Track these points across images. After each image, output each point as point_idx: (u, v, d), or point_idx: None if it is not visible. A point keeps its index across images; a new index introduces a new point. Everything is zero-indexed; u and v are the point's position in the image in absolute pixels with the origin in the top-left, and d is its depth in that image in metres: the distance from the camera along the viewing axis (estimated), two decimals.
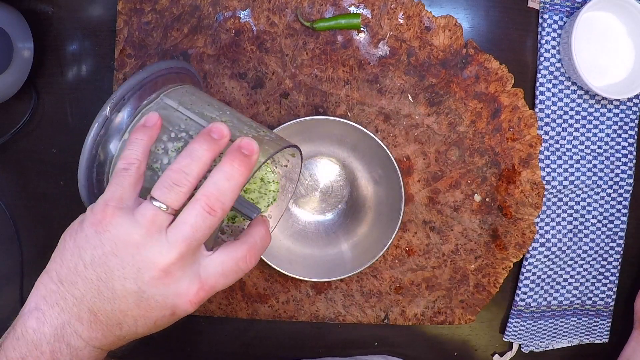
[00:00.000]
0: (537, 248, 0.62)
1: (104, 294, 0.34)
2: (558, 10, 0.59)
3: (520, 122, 0.59)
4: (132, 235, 0.34)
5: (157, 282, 0.34)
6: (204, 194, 0.34)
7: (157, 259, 0.34)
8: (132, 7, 0.57)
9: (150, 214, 0.34)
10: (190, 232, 0.34)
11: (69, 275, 0.35)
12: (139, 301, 0.35)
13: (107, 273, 0.34)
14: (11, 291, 0.64)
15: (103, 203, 0.35)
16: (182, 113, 0.39)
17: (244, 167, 0.35)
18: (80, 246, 0.34)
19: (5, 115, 0.61)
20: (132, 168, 0.35)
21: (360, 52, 0.58)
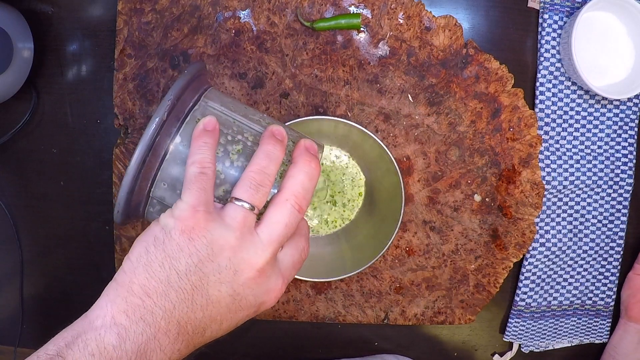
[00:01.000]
0: (537, 248, 0.62)
1: (197, 302, 0.33)
2: (558, 10, 0.59)
3: (520, 122, 0.59)
4: (228, 238, 0.34)
5: (252, 283, 0.35)
6: (293, 194, 0.35)
7: (253, 259, 0.34)
8: (132, 7, 0.57)
9: (242, 216, 0.34)
10: (283, 231, 0.35)
11: (159, 288, 0.33)
12: (231, 304, 0.35)
13: (203, 280, 0.33)
14: (11, 291, 0.64)
15: (191, 209, 0.33)
16: (228, 116, 0.39)
17: (318, 167, 0.37)
18: (172, 256, 0.33)
19: (5, 115, 0.61)
20: (208, 172, 0.35)
21: (360, 52, 0.58)
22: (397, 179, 0.55)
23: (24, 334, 0.65)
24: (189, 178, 0.35)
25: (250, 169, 0.35)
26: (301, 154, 0.37)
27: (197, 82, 0.39)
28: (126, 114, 0.59)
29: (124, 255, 0.60)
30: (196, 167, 0.35)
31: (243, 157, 0.38)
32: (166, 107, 0.36)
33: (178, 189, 0.37)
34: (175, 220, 0.34)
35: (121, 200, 0.36)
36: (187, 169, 0.35)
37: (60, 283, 0.64)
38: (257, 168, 0.35)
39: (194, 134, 0.36)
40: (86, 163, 0.62)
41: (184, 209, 0.34)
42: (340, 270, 0.58)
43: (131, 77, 0.58)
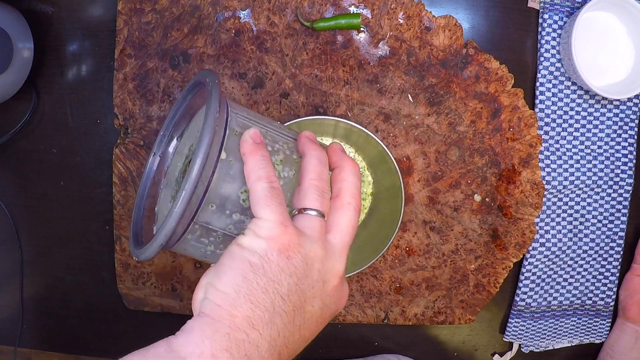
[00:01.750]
0: (537, 248, 0.62)
1: (296, 323, 0.32)
2: (558, 10, 0.59)
3: (520, 122, 0.59)
4: (316, 250, 0.33)
5: (335, 291, 0.34)
6: (353, 197, 0.36)
7: (336, 267, 0.34)
8: (132, 7, 0.57)
9: (319, 225, 0.34)
10: (352, 234, 0.35)
11: (264, 316, 0.30)
12: (320, 317, 0.34)
13: (301, 298, 0.32)
14: (11, 291, 0.64)
15: (280, 225, 0.32)
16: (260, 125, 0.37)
17: (357, 165, 0.38)
18: (275, 280, 0.31)
19: (5, 115, 0.61)
20: (277, 185, 0.34)
21: (360, 52, 0.58)
22: (397, 179, 0.55)
23: (24, 334, 0.65)
24: (260, 194, 0.33)
25: (309, 177, 0.35)
26: (341, 157, 0.37)
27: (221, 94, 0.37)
28: (126, 114, 0.59)
29: (124, 255, 0.60)
30: (265, 182, 0.33)
31: (287, 166, 0.37)
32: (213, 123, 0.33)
33: (227, 209, 0.35)
34: (268, 240, 0.31)
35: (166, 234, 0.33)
36: (252, 185, 0.33)
37: (60, 283, 0.64)
38: (316, 175, 0.35)
39: (247, 148, 0.34)
40: (86, 163, 0.62)
41: (272, 227, 0.32)
42: None
43: (131, 77, 0.58)
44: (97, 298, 0.64)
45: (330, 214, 0.35)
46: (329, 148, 0.38)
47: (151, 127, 0.59)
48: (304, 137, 0.37)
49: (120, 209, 0.60)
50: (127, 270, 0.61)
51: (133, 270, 0.61)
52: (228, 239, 0.36)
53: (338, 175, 0.36)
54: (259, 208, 0.32)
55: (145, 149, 0.59)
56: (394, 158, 0.55)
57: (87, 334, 0.65)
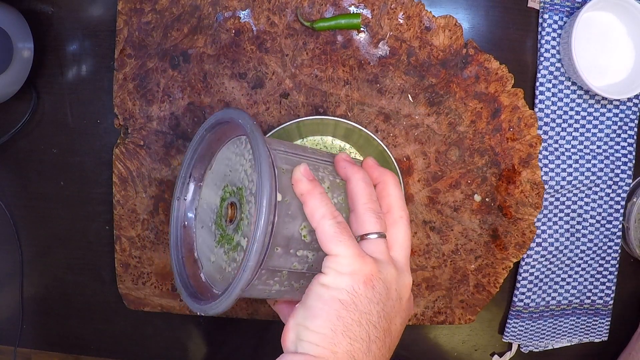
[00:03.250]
0: (534, 248, 0.62)
1: (386, 344, 0.34)
2: (558, 10, 0.59)
3: (520, 122, 0.60)
4: (391, 272, 0.34)
5: (408, 304, 0.36)
6: (402, 209, 0.37)
7: (407, 282, 0.36)
8: (132, 7, 0.57)
9: (385, 247, 0.35)
10: (410, 246, 0.37)
11: (362, 347, 0.32)
12: (401, 330, 0.36)
13: (388, 321, 0.34)
14: (11, 291, 0.64)
15: (359, 258, 0.33)
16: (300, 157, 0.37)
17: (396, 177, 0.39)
18: (366, 311, 0.32)
19: (5, 115, 0.61)
20: (342, 220, 0.34)
21: (360, 52, 0.58)
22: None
23: (24, 334, 0.65)
24: (329, 232, 0.33)
25: (362, 201, 0.35)
26: (381, 172, 0.38)
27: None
28: (126, 114, 0.58)
29: (124, 255, 0.60)
30: (329, 219, 0.34)
31: (335, 192, 0.37)
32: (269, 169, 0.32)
33: (291, 248, 0.35)
34: (351, 275, 0.32)
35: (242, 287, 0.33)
36: (318, 225, 0.34)
37: (60, 283, 0.64)
38: (367, 199, 0.36)
39: (302, 188, 0.34)
40: (86, 163, 0.62)
41: (351, 262, 0.33)
42: None
43: (131, 77, 0.58)
44: (97, 298, 0.64)
45: (387, 232, 0.36)
46: (366, 164, 0.39)
47: (151, 127, 0.59)
48: (342, 161, 0.38)
49: (120, 209, 0.60)
50: (127, 270, 0.61)
51: (133, 270, 0.61)
52: (292, 276, 0.37)
53: (383, 191, 0.37)
54: (333, 246, 0.33)
55: (145, 148, 0.59)
56: (394, 158, 0.55)
57: (87, 334, 0.65)
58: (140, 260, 0.60)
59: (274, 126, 0.57)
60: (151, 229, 0.60)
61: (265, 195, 0.32)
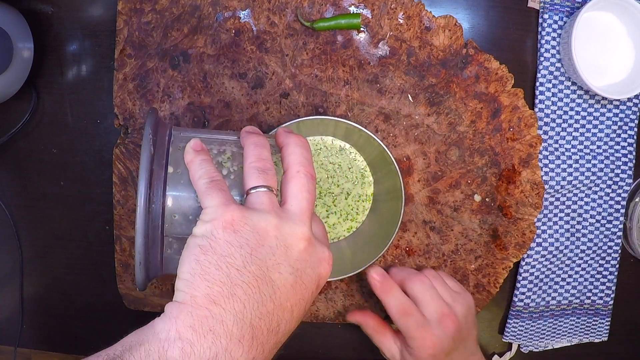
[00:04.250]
0: (534, 248, 0.62)
1: (264, 292, 0.33)
2: (558, 10, 0.59)
3: (520, 122, 0.60)
4: (268, 219, 0.34)
5: (305, 254, 0.35)
6: (300, 164, 0.37)
7: (297, 231, 0.35)
8: (132, 7, 0.57)
9: (267, 197, 0.35)
10: (308, 198, 0.36)
11: (223, 291, 0.32)
12: (295, 283, 0.34)
13: (262, 267, 0.33)
14: (11, 291, 0.64)
15: (221, 206, 0.34)
16: (205, 136, 0.40)
17: (304, 139, 0.39)
18: (225, 254, 0.32)
19: (5, 115, 0.61)
20: (218, 177, 0.36)
21: (360, 52, 0.58)
22: (398, 181, 0.55)
23: (24, 334, 0.65)
24: (202, 189, 0.35)
25: (248, 161, 0.37)
26: (286, 136, 0.39)
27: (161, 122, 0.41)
28: (126, 114, 0.58)
29: (124, 255, 0.60)
30: (205, 178, 0.35)
31: (235, 162, 0.39)
32: (149, 141, 0.37)
33: (190, 214, 0.37)
34: (211, 222, 0.33)
35: (139, 251, 0.36)
36: (196, 185, 0.36)
37: (60, 283, 0.64)
38: (253, 157, 0.37)
39: (187, 158, 0.37)
40: (86, 163, 0.62)
41: (214, 210, 0.34)
42: (340, 270, 0.58)
43: (131, 77, 0.58)
44: (97, 298, 0.64)
45: (282, 188, 0.37)
46: (276, 134, 0.40)
47: None
48: (243, 132, 0.39)
49: (120, 209, 0.60)
50: (127, 270, 0.61)
51: (133, 270, 0.61)
52: None
53: (285, 152, 0.38)
54: (203, 200, 0.35)
55: None
56: (394, 158, 0.55)
57: (87, 334, 0.65)
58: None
59: (274, 126, 0.57)
60: None
61: (142, 165, 0.36)
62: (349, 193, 0.59)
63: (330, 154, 0.59)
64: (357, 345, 0.65)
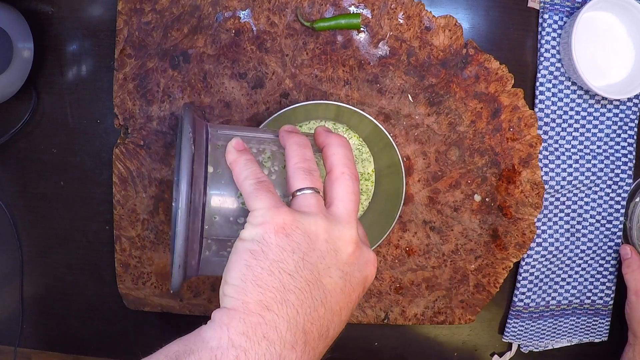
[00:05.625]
0: (534, 248, 0.62)
1: (316, 297, 0.32)
2: (558, 10, 0.59)
3: (520, 122, 0.60)
4: (318, 223, 0.33)
5: (353, 258, 0.34)
6: (344, 165, 0.36)
7: (346, 234, 0.34)
8: (132, 7, 0.57)
9: (314, 200, 0.34)
10: (354, 199, 0.36)
11: (276, 296, 0.31)
12: (344, 286, 0.34)
13: (314, 272, 0.32)
14: (11, 291, 0.64)
15: (272, 209, 0.33)
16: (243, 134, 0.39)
17: (344, 138, 0.38)
18: (277, 259, 0.31)
19: (5, 115, 0.61)
20: (264, 178, 0.35)
21: (360, 52, 0.58)
22: (395, 154, 0.55)
23: (24, 334, 0.65)
24: (249, 190, 0.34)
25: (293, 161, 0.36)
26: (327, 135, 0.38)
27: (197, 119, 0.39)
28: (126, 114, 0.58)
29: (124, 255, 0.60)
30: (251, 179, 0.35)
31: (276, 161, 0.38)
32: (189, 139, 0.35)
33: (231, 216, 0.36)
34: (262, 225, 0.32)
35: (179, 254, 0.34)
36: (241, 186, 0.35)
37: (60, 283, 0.64)
38: (298, 158, 0.36)
39: (229, 158, 0.36)
40: (86, 163, 0.62)
41: (264, 213, 0.33)
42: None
43: (131, 77, 0.58)
44: (97, 298, 0.64)
45: (327, 189, 0.36)
46: (315, 132, 0.39)
47: (151, 127, 0.59)
48: (282, 132, 0.38)
49: (120, 209, 0.60)
50: (127, 270, 0.61)
51: (133, 270, 0.61)
52: None
53: (327, 152, 0.37)
54: (251, 202, 0.34)
55: (145, 148, 0.59)
56: (388, 132, 0.55)
57: (87, 334, 0.65)
58: (140, 260, 0.60)
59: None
60: (151, 229, 0.60)
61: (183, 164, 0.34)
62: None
63: None
64: (357, 345, 0.65)
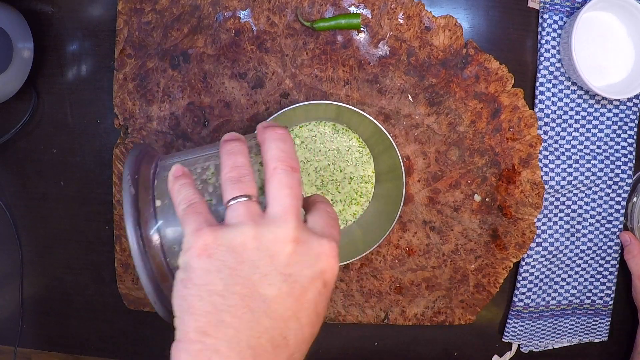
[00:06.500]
0: (534, 248, 0.62)
1: (255, 309, 0.31)
2: (558, 10, 0.59)
3: (520, 122, 0.60)
4: (244, 232, 0.32)
5: (295, 257, 0.32)
6: (277, 159, 0.34)
7: (280, 234, 0.32)
8: (132, 7, 0.57)
9: (243, 208, 0.33)
10: (290, 193, 0.33)
11: (211, 320, 0.30)
12: (291, 289, 0.32)
13: (247, 284, 0.31)
14: (11, 291, 0.64)
15: (195, 233, 0.32)
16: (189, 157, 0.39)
17: (283, 130, 0.36)
18: (204, 283, 0.31)
19: (5, 115, 0.61)
20: (196, 199, 0.34)
21: (360, 52, 0.58)
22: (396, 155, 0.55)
23: (24, 334, 0.65)
24: (181, 216, 0.34)
25: (223, 173, 0.34)
26: (262, 132, 0.36)
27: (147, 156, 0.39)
28: (126, 114, 0.58)
29: (124, 255, 0.60)
30: (183, 204, 0.34)
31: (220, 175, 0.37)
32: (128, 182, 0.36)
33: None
34: (187, 252, 0.32)
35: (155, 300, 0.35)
36: (177, 213, 0.34)
37: (60, 283, 0.64)
38: (228, 168, 0.34)
39: (168, 187, 0.36)
40: (86, 163, 0.62)
41: (188, 239, 0.32)
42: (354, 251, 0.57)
43: (131, 77, 0.58)
44: (97, 298, 0.64)
45: (265, 189, 0.34)
46: (257, 131, 0.37)
47: (151, 127, 0.59)
48: (222, 141, 0.36)
49: (120, 209, 0.60)
50: (127, 270, 0.61)
51: (133, 270, 0.61)
52: None
53: (262, 151, 0.35)
54: (183, 227, 0.33)
55: None
56: (389, 133, 0.54)
57: (87, 334, 0.65)
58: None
59: None
60: None
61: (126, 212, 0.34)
62: (352, 177, 0.59)
63: (326, 140, 0.59)
64: (357, 345, 0.65)
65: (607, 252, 0.64)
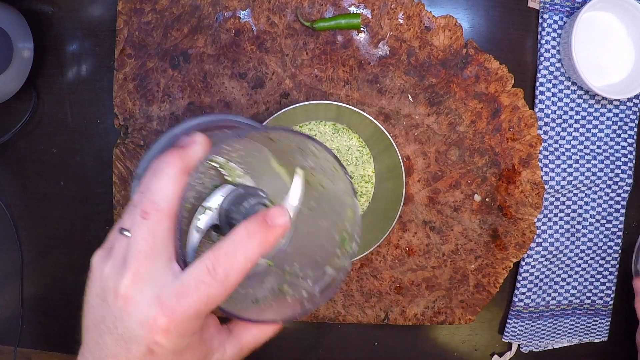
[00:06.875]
0: (534, 248, 0.62)
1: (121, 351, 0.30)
2: (558, 10, 0.59)
3: (520, 122, 0.60)
4: (99, 275, 0.31)
5: (122, 312, 0.29)
6: (137, 199, 0.30)
7: (110, 284, 0.30)
8: (132, 7, 0.57)
9: (107, 248, 0.32)
10: (127, 242, 0.30)
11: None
12: (119, 344, 0.30)
13: (96, 319, 0.32)
14: (11, 291, 0.64)
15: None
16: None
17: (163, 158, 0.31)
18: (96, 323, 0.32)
19: (5, 115, 0.61)
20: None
21: (360, 52, 0.58)
22: (396, 155, 0.55)
23: (24, 334, 0.65)
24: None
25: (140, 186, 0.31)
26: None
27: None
28: (126, 114, 0.58)
29: None
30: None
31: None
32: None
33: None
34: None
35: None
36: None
37: (60, 283, 0.64)
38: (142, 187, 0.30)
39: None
40: (86, 163, 0.62)
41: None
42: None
43: (131, 77, 0.58)
44: None
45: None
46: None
47: (151, 127, 0.59)
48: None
49: (120, 209, 0.60)
50: None
51: None
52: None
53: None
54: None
55: (145, 148, 0.59)
56: (389, 133, 0.54)
57: None
58: None
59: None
60: None
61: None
62: (352, 177, 0.59)
63: (326, 139, 0.59)
64: (357, 345, 0.65)
65: (607, 252, 0.64)
